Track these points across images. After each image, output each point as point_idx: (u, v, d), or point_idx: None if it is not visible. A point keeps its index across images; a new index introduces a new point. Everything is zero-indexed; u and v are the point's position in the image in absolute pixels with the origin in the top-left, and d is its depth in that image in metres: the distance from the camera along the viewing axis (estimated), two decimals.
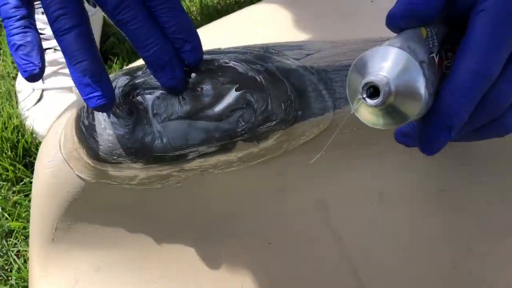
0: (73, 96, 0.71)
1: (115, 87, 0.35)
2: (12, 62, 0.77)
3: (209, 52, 0.36)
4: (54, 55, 0.73)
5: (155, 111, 0.34)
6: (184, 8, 0.81)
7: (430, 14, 0.27)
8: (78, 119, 0.37)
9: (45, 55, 0.73)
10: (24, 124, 0.69)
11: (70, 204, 0.39)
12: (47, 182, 0.40)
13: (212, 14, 0.79)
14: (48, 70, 0.73)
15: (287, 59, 0.36)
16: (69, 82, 0.73)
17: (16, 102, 0.73)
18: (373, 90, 0.25)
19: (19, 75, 0.77)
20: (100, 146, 0.35)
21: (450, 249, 0.39)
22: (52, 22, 0.33)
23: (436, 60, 0.27)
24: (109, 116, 0.35)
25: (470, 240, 0.39)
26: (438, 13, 0.28)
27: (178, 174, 0.37)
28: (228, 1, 0.85)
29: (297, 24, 0.51)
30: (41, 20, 0.73)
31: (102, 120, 0.35)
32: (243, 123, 0.34)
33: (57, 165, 0.39)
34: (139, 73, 0.36)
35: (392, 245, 0.40)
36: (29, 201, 0.64)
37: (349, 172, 0.38)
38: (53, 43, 0.73)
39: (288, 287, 0.40)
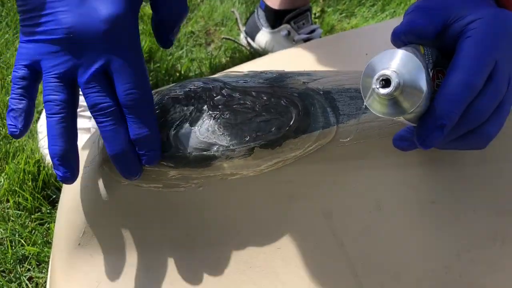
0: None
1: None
2: (36, 107, 0.84)
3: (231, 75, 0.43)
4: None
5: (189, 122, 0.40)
6: (196, 67, 0.89)
7: (428, 33, 0.34)
8: None
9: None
10: (45, 160, 0.74)
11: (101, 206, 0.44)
12: (81, 186, 0.45)
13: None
14: None
15: (298, 81, 0.43)
16: (88, 123, 0.79)
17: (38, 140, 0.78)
18: (384, 83, 0.31)
19: (41, 117, 0.83)
20: None
21: (441, 256, 0.43)
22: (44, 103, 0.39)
23: (431, 74, 0.34)
24: None
25: (458, 247, 0.44)
26: (433, 33, 0.35)
27: (201, 177, 0.42)
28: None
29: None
30: None
31: None
32: (269, 132, 0.40)
33: (93, 169, 0.44)
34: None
35: (388, 251, 0.44)
36: (45, 229, 0.68)
37: (350, 183, 0.44)
38: None
39: None
